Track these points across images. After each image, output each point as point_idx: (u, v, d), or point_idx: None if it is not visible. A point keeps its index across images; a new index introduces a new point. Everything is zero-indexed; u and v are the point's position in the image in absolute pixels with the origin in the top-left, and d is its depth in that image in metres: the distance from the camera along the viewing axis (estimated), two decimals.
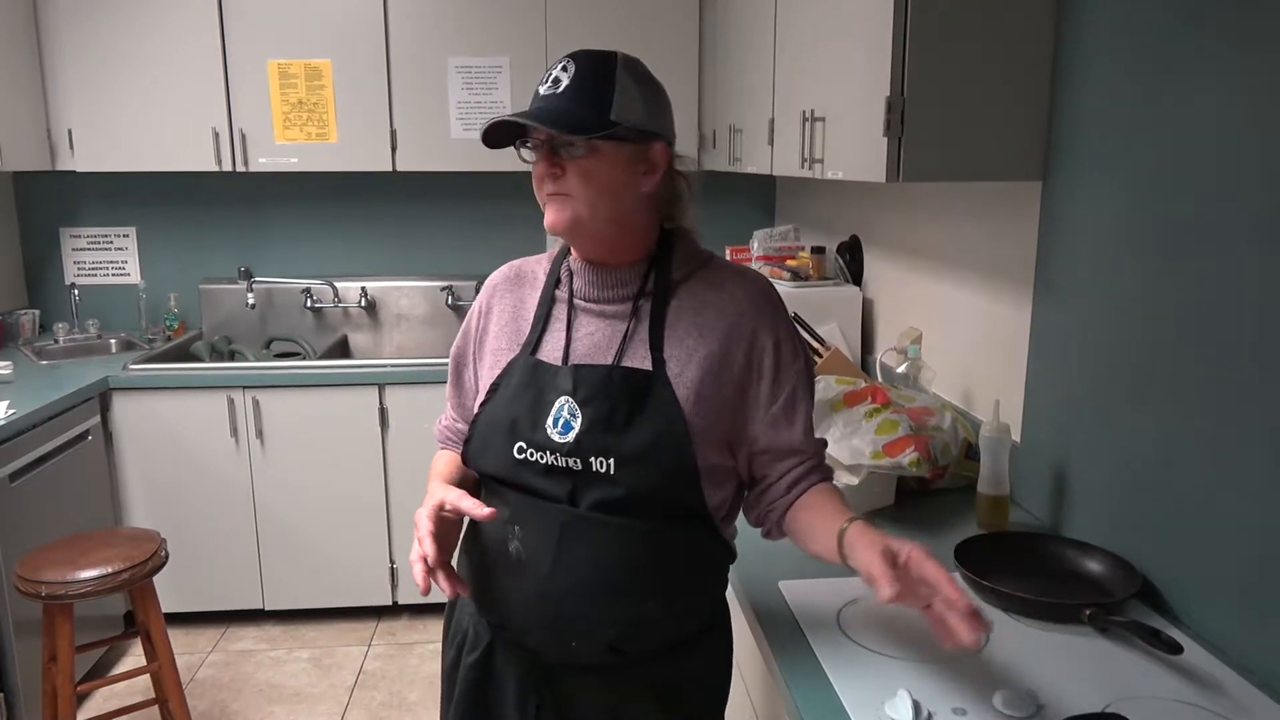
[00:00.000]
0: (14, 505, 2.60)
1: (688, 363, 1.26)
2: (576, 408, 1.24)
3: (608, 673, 1.30)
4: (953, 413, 1.98)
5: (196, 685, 3.05)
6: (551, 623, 1.26)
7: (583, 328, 1.31)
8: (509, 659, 1.34)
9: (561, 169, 1.22)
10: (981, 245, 2.08)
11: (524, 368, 1.30)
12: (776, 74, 2.51)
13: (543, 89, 1.24)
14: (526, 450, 1.26)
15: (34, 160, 3.30)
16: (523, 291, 1.38)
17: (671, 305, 1.29)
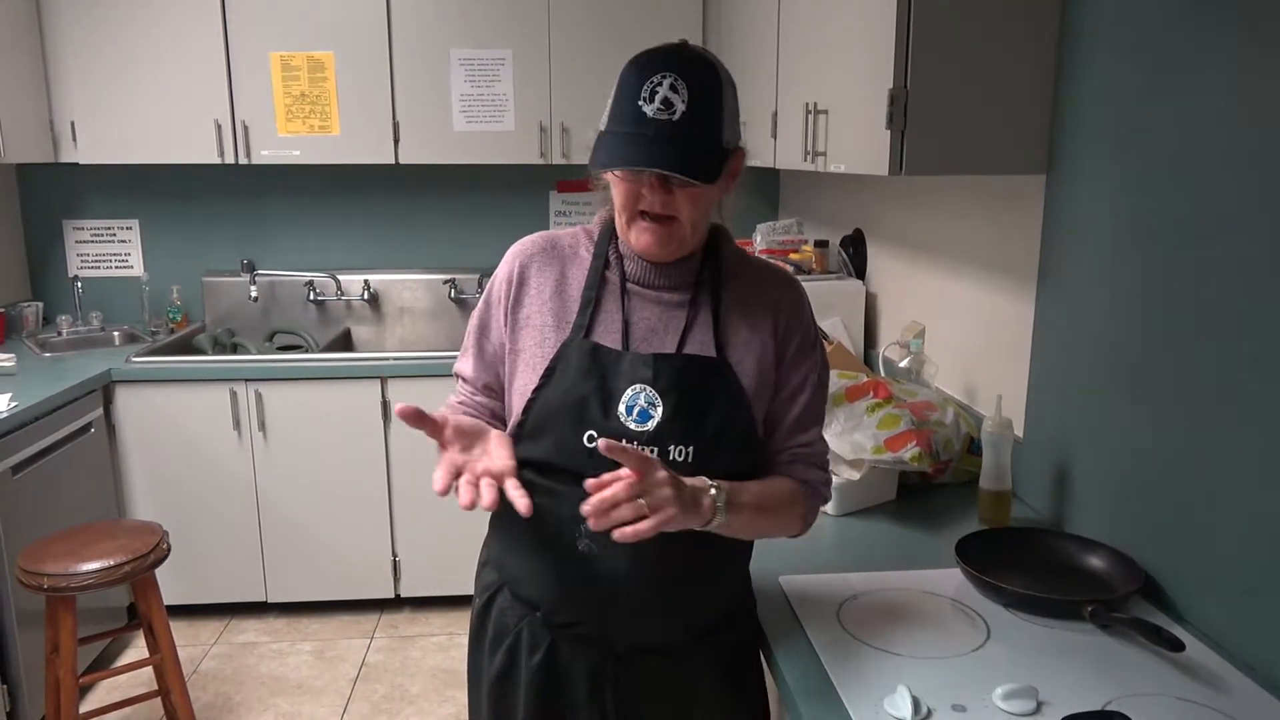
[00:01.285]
0: (17, 497, 2.60)
1: (745, 352, 1.28)
2: (656, 396, 1.23)
3: (677, 651, 1.32)
4: (955, 408, 1.97)
5: (199, 677, 3.06)
6: (632, 614, 1.27)
7: (637, 311, 1.29)
8: (575, 655, 1.31)
9: (670, 193, 1.20)
10: (985, 239, 2.07)
11: (582, 350, 1.26)
12: (780, 66, 2.50)
13: (650, 110, 1.16)
14: (599, 439, 1.18)
15: (37, 152, 3.30)
16: (564, 266, 1.33)
17: (725, 298, 1.30)
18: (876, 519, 1.81)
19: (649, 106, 1.16)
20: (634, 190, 1.21)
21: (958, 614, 1.43)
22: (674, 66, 1.17)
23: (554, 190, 3.89)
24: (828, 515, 1.82)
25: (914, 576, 1.55)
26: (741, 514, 1.22)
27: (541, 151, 3.48)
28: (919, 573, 1.56)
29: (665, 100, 1.16)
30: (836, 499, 1.81)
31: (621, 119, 1.18)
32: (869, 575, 1.55)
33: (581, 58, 3.43)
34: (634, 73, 1.19)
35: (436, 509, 3.23)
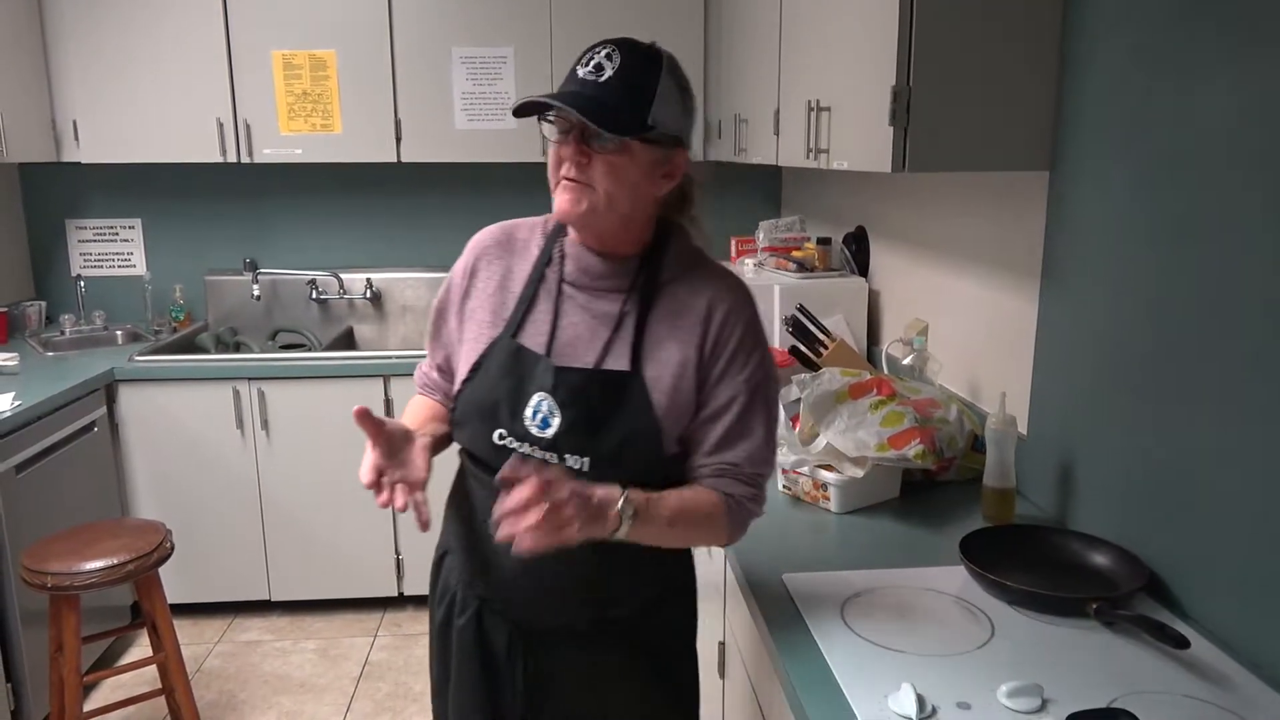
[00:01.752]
0: (20, 496, 2.60)
1: (664, 367, 1.29)
2: (555, 407, 1.27)
3: (585, 638, 1.39)
4: (959, 405, 1.97)
5: (203, 675, 3.06)
6: (530, 595, 1.35)
7: (568, 315, 1.33)
8: (496, 624, 1.41)
9: (588, 157, 1.22)
10: (988, 236, 2.07)
11: (506, 351, 1.32)
12: (782, 63, 2.49)
13: (582, 71, 1.23)
14: (506, 438, 1.30)
15: (39, 151, 3.30)
16: (511, 260, 1.38)
17: (655, 308, 1.31)
18: (880, 516, 1.81)
19: (582, 69, 1.23)
20: (558, 154, 1.24)
21: (962, 611, 1.42)
22: (616, 42, 1.24)
23: None
24: (831, 513, 1.82)
25: (917, 574, 1.55)
26: (651, 525, 1.22)
27: (544, 150, 3.46)
28: (922, 570, 1.56)
29: (598, 65, 1.22)
30: (840, 496, 1.81)
31: (565, 81, 1.25)
32: (872, 573, 1.55)
33: None
34: (584, 49, 1.26)
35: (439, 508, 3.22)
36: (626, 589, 1.38)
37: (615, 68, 1.21)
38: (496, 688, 1.42)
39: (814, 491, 1.85)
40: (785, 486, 1.91)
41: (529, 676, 1.40)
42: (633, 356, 1.29)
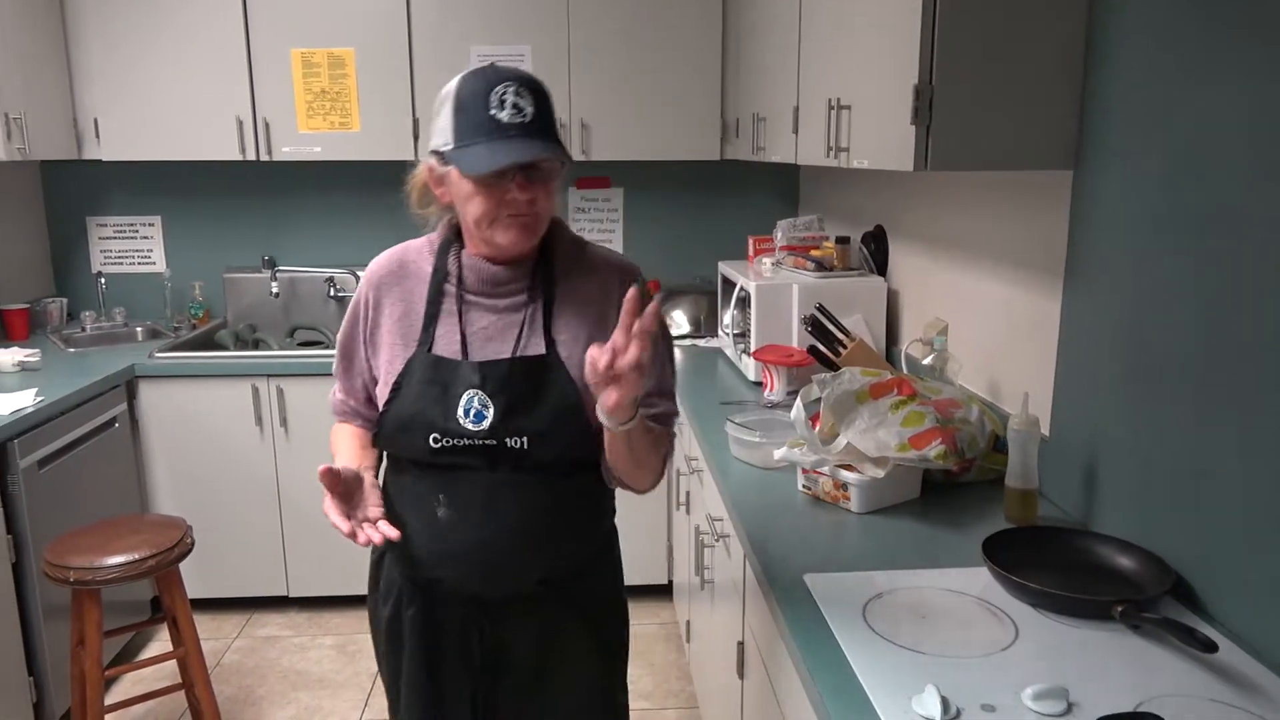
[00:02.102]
0: (43, 491, 2.62)
1: (575, 345, 1.42)
2: (487, 399, 1.39)
3: (535, 601, 1.50)
4: (980, 405, 1.96)
5: (222, 670, 3.08)
6: (488, 568, 1.45)
7: (475, 321, 1.44)
8: (447, 607, 1.50)
9: (535, 192, 1.34)
10: (1009, 235, 2.05)
11: (424, 364, 1.42)
12: (801, 61, 2.48)
13: (505, 116, 1.30)
14: (442, 440, 1.40)
15: (61, 149, 3.33)
16: (409, 284, 1.48)
17: (557, 296, 1.45)
18: (900, 517, 1.80)
19: (503, 113, 1.30)
20: (497, 196, 1.32)
21: (985, 613, 1.41)
22: (511, 78, 1.32)
23: (573, 186, 3.89)
24: (852, 513, 1.81)
25: (939, 575, 1.54)
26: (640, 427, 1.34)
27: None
28: (944, 571, 1.55)
29: (515, 105, 1.30)
30: (860, 496, 1.80)
31: (477, 129, 1.30)
32: (894, 574, 1.54)
33: (601, 54, 3.43)
34: (475, 87, 1.31)
35: None
36: (568, 548, 1.50)
37: (532, 105, 1.31)
38: (451, 668, 1.53)
39: (834, 491, 1.84)
40: (805, 486, 1.91)
41: (485, 649, 1.51)
42: (547, 341, 1.42)
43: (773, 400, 2.57)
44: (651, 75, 3.46)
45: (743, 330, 2.88)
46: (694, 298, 3.59)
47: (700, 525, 2.42)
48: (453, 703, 1.55)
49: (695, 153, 3.54)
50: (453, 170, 1.34)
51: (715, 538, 2.18)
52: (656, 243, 3.97)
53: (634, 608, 1.67)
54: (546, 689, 1.55)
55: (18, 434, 2.51)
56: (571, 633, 1.54)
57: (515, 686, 1.55)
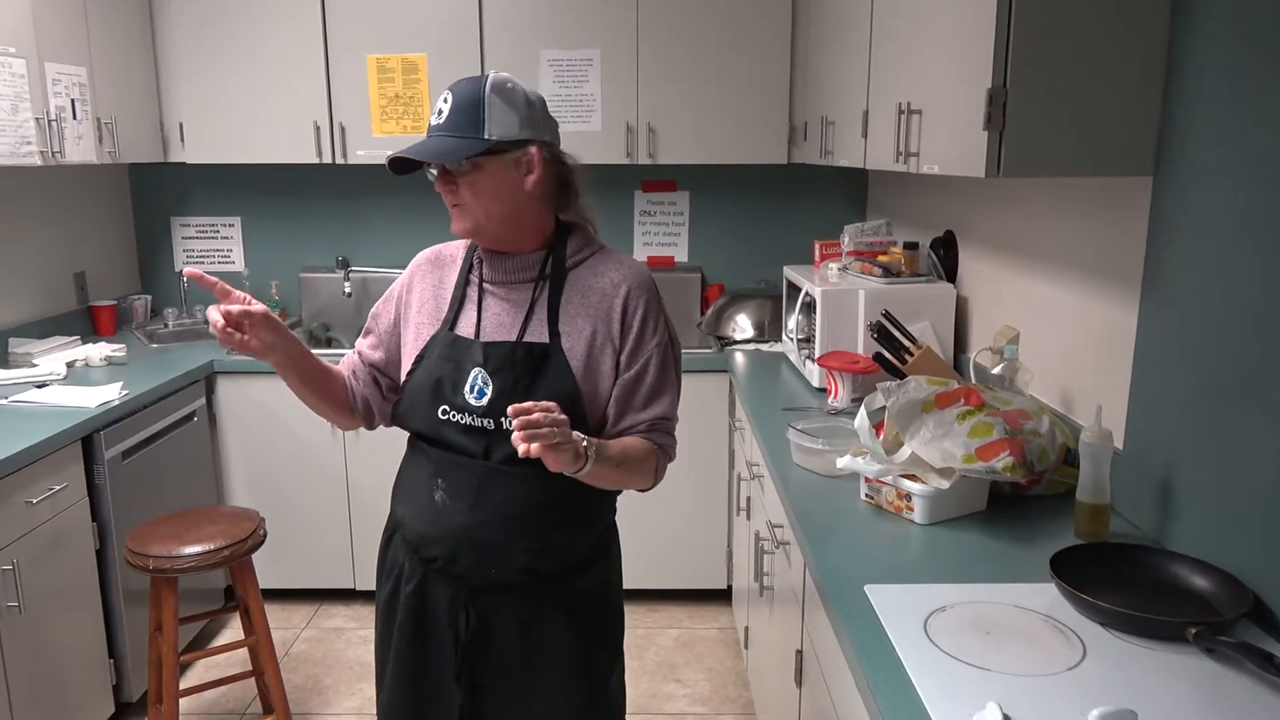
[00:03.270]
0: (126, 481, 2.73)
1: (577, 338, 1.53)
2: (489, 377, 1.51)
3: (521, 590, 1.58)
4: (1051, 416, 1.91)
5: (291, 659, 3.16)
6: (474, 551, 1.54)
7: (491, 307, 1.57)
8: (440, 586, 1.60)
9: (455, 185, 1.48)
10: (1084, 241, 2.00)
11: (444, 341, 1.56)
12: (872, 65, 2.46)
13: (433, 120, 1.49)
14: (449, 412, 1.52)
15: (148, 152, 3.46)
16: (442, 273, 1.63)
17: (565, 288, 1.56)
18: (966, 529, 1.77)
19: (433, 118, 1.49)
20: (438, 189, 1.51)
21: (1051, 631, 1.38)
22: (452, 88, 1.48)
23: (639, 190, 3.90)
24: (915, 524, 1.78)
25: (1005, 590, 1.51)
26: (605, 464, 1.45)
27: (628, 151, 3.49)
28: (1010, 586, 1.52)
29: (438, 110, 1.48)
30: (924, 507, 1.77)
31: None
32: (958, 587, 1.51)
33: (669, 57, 3.44)
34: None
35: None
36: (556, 542, 1.57)
37: (449, 107, 1.47)
38: (437, 646, 1.61)
39: (898, 502, 1.81)
40: (868, 496, 1.88)
41: (471, 630, 1.59)
42: (551, 332, 1.53)
43: (837, 407, 2.55)
44: (719, 79, 3.46)
45: (807, 335, 2.85)
46: (758, 302, 3.57)
47: (760, 531, 2.41)
48: (436, 681, 1.63)
49: (762, 156, 3.52)
50: None
51: (775, 544, 2.16)
52: (721, 246, 3.96)
53: (693, 611, 1.69)
54: (529, 678, 1.62)
55: (104, 425, 2.62)
56: (555, 625, 1.61)
57: (500, 671, 1.62)
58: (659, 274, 3.89)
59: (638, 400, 1.57)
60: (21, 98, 2.71)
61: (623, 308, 1.55)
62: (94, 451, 2.59)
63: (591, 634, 1.66)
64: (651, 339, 1.57)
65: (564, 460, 1.37)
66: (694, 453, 3.34)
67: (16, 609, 2.24)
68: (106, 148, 3.15)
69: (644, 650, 3.19)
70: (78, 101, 3.00)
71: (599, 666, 1.69)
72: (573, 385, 1.51)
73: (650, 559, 3.43)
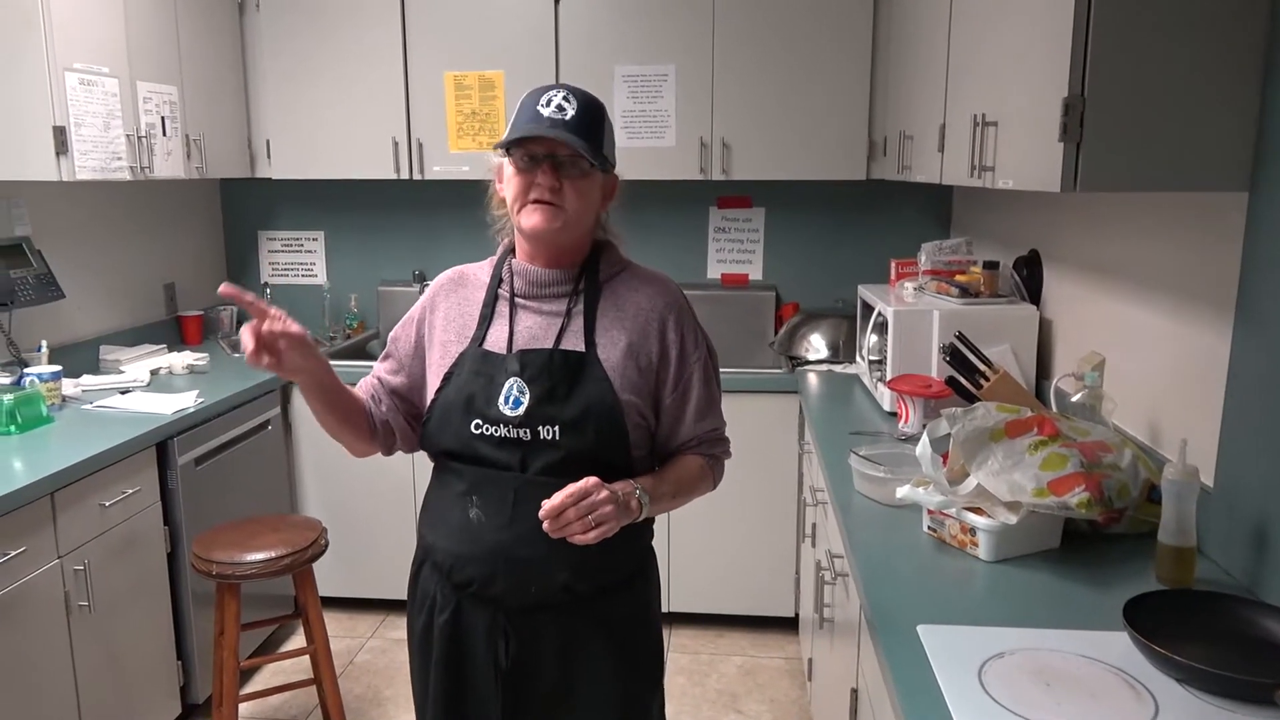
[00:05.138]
0: (198, 487, 2.80)
1: (613, 348, 1.52)
2: (524, 385, 1.48)
3: (561, 611, 1.54)
4: (1133, 450, 1.77)
5: (354, 669, 3.19)
6: (512, 571, 1.49)
7: (523, 321, 1.54)
8: (476, 612, 1.55)
9: (560, 183, 1.45)
10: (1173, 262, 1.86)
11: (474, 357, 1.53)
12: (950, 76, 2.36)
13: (546, 111, 1.44)
14: (483, 426, 1.48)
15: (236, 168, 3.57)
16: (466, 292, 1.61)
17: (599, 303, 1.54)
18: (1035, 568, 1.65)
19: (545, 110, 1.44)
20: (528, 180, 1.45)
21: (1121, 685, 1.26)
22: (566, 89, 1.47)
23: (714, 206, 3.85)
24: (979, 560, 1.67)
25: (1073, 637, 1.39)
26: (661, 501, 1.51)
27: (701, 167, 3.44)
28: (1080, 633, 1.40)
29: (559, 106, 1.44)
30: (989, 543, 1.66)
31: (525, 120, 1.45)
32: (1021, 631, 1.41)
33: (745, 73, 3.38)
34: (534, 94, 1.47)
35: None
36: (596, 560, 1.49)
37: (575, 109, 1.44)
38: (476, 676, 1.56)
39: (961, 536, 1.71)
40: (930, 528, 1.78)
41: (510, 656, 1.54)
42: (586, 342, 1.51)
43: (907, 432, 2.44)
44: (796, 94, 3.38)
45: (880, 357, 2.75)
46: (833, 321, 3.47)
47: (821, 560, 2.31)
48: (477, 711, 1.58)
49: (840, 172, 3.43)
50: (505, 161, 1.49)
51: (835, 575, 2.07)
52: (797, 264, 3.87)
53: (758, 639, 1.64)
54: (570, 705, 1.58)
55: (178, 432, 2.68)
56: (596, 651, 1.56)
57: (540, 699, 1.57)
58: (732, 292, 3.82)
59: (688, 417, 1.59)
60: (114, 115, 2.83)
61: (661, 330, 1.55)
62: (168, 457, 2.66)
63: (634, 661, 1.62)
64: (693, 357, 1.57)
65: (620, 524, 1.41)
66: (761, 475, 3.25)
67: (87, 608, 2.30)
68: (194, 164, 3.26)
69: (705, 677, 3.11)
70: (168, 119, 3.12)
71: (641, 696, 1.64)
72: (609, 392, 1.49)
73: (714, 583, 3.35)
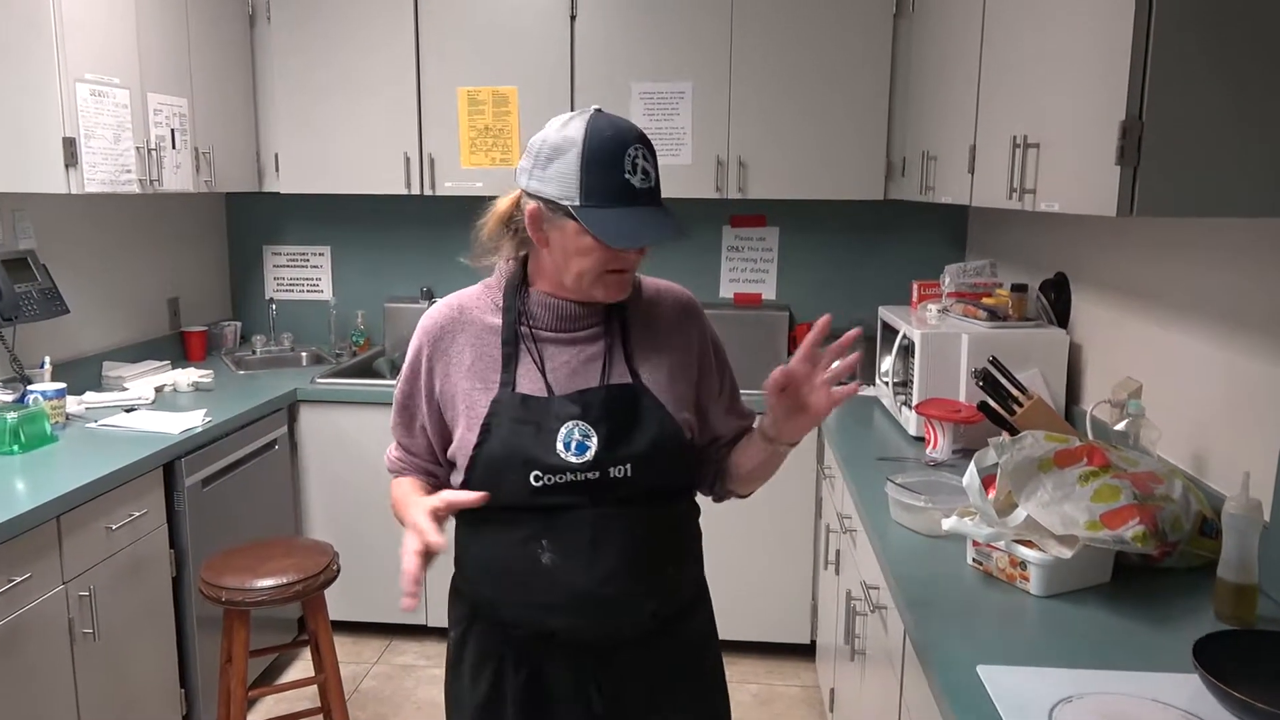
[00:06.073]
0: (205, 509, 2.72)
1: (657, 370, 1.45)
2: (589, 428, 1.37)
3: (647, 642, 1.45)
4: (1184, 480, 1.73)
5: (360, 696, 3.11)
6: (602, 612, 1.39)
7: (555, 358, 1.42)
8: (560, 664, 1.43)
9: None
10: (1221, 287, 1.82)
11: (511, 404, 1.39)
12: (981, 97, 2.32)
13: (636, 182, 1.31)
14: (544, 478, 1.36)
15: (244, 182, 3.51)
16: (474, 330, 1.46)
17: (631, 328, 1.46)
18: (1089, 604, 1.60)
19: (634, 179, 1.31)
20: (610, 256, 1.34)
21: None
22: (633, 137, 1.32)
23: (727, 225, 3.81)
24: (1030, 595, 1.62)
25: (1140, 679, 1.33)
26: None
27: (717, 185, 3.40)
28: (1146, 675, 1.35)
29: (644, 170, 1.32)
30: (1042, 578, 1.61)
31: (611, 192, 1.30)
32: (1086, 674, 1.35)
33: (762, 91, 3.35)
34: (608, 146, 1.30)
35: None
36: (676, 577, 1.47)
37: (653, 168, 1.34)
38: None
39: (1010, 570, 1.65)
40: (975, 560, 1.73)
41: (605, 698, 1.44)
42: (630, 371, 1.43)
43: (936, 458, 2.38)
44: (813, 113, 3.35)
45: (903, 380, 2.70)
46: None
47: (852, 590, 2.25)
48: None
49: (857, 192, 3.39)
50: (570, 224, 1.33)
51: (872, 607, 2.01)
52: (811, 284, 3.82)
53: (773, 667, 1.60)
54: None
55: (186, 453, 2.61)
56: (682, 673, 1.51)
57: None
58: (745, 311, 3.77)
59: (739, 408, 1.58)
60: (124, 127, 2.77)
61: (697, 338, 1.52)
62: (175, 479, 2.59)
63: (713, 678, 1.58)
64: (723, 352, 1.57)
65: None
66: (777, 499, 3.19)
67: (91, 635, 2.22)
68: (203, 177, 3.20)
69: None
70: (177, 131, 3.06)
71: (719, 712, 1.60)
72: (668, 418, 1.42)
73: (728, 608, 3.26)
